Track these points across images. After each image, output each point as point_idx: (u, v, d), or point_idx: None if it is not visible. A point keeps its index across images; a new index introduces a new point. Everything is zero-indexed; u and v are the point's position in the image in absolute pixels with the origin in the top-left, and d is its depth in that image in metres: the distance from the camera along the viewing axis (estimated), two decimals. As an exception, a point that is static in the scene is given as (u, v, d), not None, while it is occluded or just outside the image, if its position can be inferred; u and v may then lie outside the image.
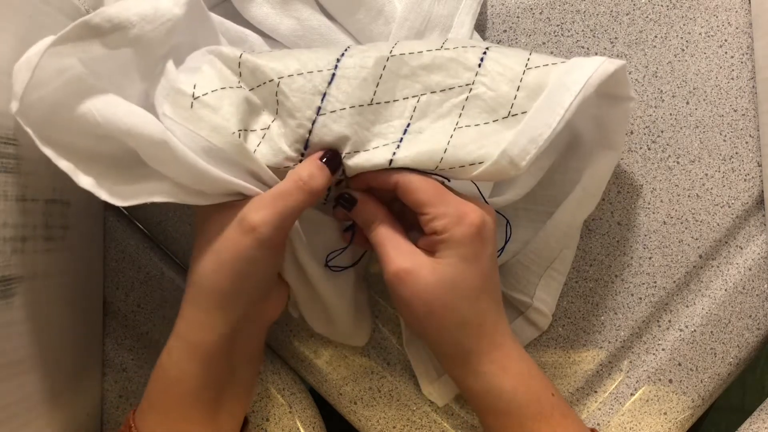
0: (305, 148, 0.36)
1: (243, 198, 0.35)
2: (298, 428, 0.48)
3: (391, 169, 0.36)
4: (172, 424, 0.36)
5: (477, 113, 0.36)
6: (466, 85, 0.36)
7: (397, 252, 0.36)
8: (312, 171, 0.35)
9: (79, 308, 0.44)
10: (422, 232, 0.37)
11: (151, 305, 0.48)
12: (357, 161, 0.36)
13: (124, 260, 0.48)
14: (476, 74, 0.36)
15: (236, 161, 0.34)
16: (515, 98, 0.36)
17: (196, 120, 0.34)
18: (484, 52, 0.37)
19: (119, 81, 0.35)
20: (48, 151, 0.32)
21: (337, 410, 0.49)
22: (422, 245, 0.37)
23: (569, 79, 0.35)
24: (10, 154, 0.34)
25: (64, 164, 0.32)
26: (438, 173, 0.37)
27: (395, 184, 0.36)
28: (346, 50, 0.37)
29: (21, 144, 0.35)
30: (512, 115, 0.36)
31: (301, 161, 0.36)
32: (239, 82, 0.36)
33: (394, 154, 0.36)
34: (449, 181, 0.37)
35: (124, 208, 0.49)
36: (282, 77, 0.35)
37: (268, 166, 0.36)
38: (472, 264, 0.35)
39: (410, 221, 0.38)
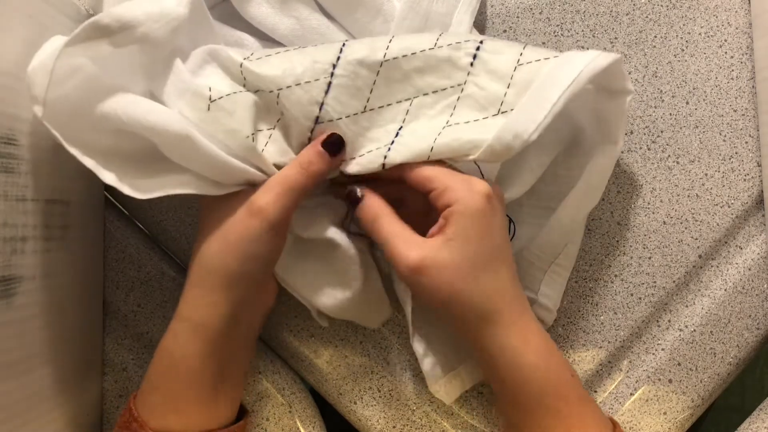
0: None
1: (250, 187, 0.37)
2: (298, 428, 0.48)
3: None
4: (172, 404, 0.38)
5: (467, 112, 0.37)
6: (458, 85, 0.37)
7: (408, 244, 0.36)
8: (311, 158, 0.37)
9: (79, 308, 0.44)
10: (426, 229, 0.37)
11: (151, 305, 0.48)
12: (351, 169, 0.38)
13: (124, 260, 0.48)
14: (468, 74, 0.37)
15: (247, 160, 0.36)
16: (505, 95, 0.37)
17: (213, 122, 0.35)
18: (478, 48, 0.37)
19: (124, 79, 0.36)
20: (74, 151, 0.33)
21: (337, 410, 0.49)
22: (432, 232, 0.37)
23: (560, 74, 0.35)
24: (10, 154, 0.34)
25: (88, 162, 0.34)
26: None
27: (402, 171, 0.38)
28: (341, 50, 0.37)
29: (21, 144, 0.35)
30: (501, 113, 0.37)
31: None
32: (244, 85, 0.37)
33: (386, 157, 0.38)
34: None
35: (124, 208, 0.49)
36: (281, 89, 0.36)
37: (275, 164, 0.38)
38: (486, 235, 0.36)
39: (412, 222, 0.39)
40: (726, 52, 0.47)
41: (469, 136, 0.37)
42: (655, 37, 0.47)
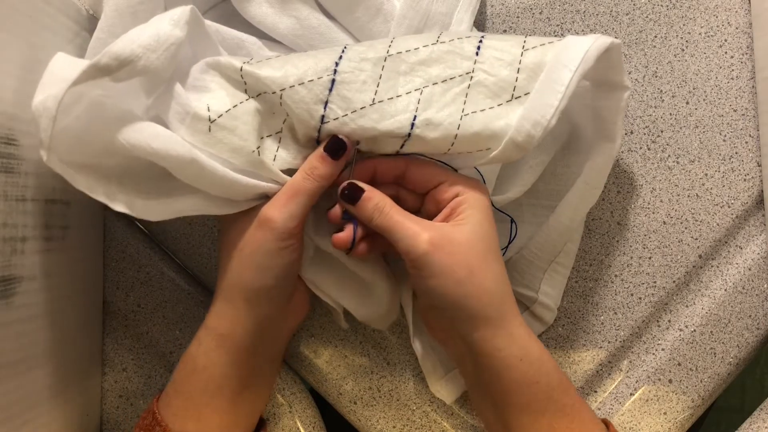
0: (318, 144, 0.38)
1: (263, 201, 0.38)
2: (298, 428, 0.48)
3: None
4: (194, 409, 0.38)
5: (481, 99, 0.37)
6: (467, 73, 0.37)
7: (420, 225, 0.36)
8: (314, 163, 0.37)
9: (79, 308, 0.44)
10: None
11: (151, 305, 0.48)
12: (366, 145, 0.38)
13: (124, 260, 0.48)
14: (474, 62, 0.37)
15: (257, 175, 0.37)
16: (516, 81, 0.36)
17: (216, 143, 0.35)
18: (480, 41, 0.37)
19: (128, 100, 0.36)
20: (83, 187, 0.33)
21: (337, 410, 0.49)
22: (439, 219, 0.38)
23: (566, 57, 0.35)
24: (10, 154, 0.34)
25: (99, 196, 0.34)
26: (446, 161, 0.38)
27: (405, 165, 0.38)
28: (343, 51, 0.37)
29: (21, 144, 0.35)
30: (516, 98, 0.37)
31: None
32: (246, 91, 0.37)
33: (402, 146, 0.37)
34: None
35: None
36: (284, 89, 0.36)
37: (289, 169, 0.38)
38: (492, 223, 0.37)
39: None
40: (726, 52, 0.47)
41: (489, 128, 0.36)
42: (655, 37, 0.47)
